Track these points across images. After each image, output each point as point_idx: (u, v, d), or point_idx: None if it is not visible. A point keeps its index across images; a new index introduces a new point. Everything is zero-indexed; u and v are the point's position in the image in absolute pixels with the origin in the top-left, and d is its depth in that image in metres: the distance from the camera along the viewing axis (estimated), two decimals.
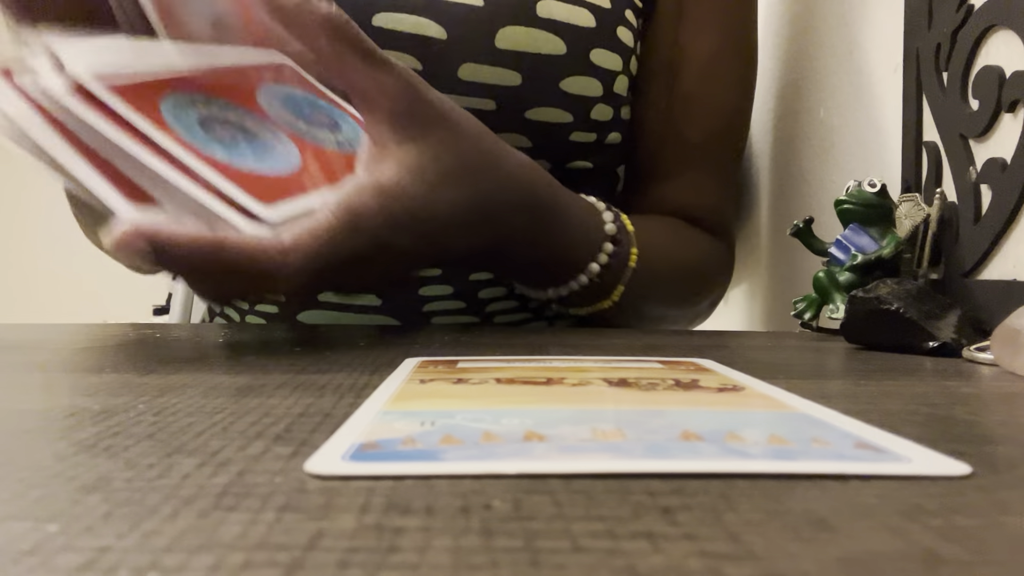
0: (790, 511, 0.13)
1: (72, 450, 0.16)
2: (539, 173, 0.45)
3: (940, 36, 0.47)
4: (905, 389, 0.25)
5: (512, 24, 0.52)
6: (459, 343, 0.37)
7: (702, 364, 0.29)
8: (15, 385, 0.25)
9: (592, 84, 0.55)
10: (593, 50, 0.55)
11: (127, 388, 0.24)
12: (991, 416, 0.21)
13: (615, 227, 0.49)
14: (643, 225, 0.52)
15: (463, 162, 0.40)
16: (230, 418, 0.20)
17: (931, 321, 0.36)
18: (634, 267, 0.49)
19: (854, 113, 0.59)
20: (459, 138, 0.40)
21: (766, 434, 0.17)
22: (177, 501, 0.13)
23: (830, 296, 0.46)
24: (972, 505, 0.13)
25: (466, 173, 0.40)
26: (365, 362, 0.30)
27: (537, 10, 0.52)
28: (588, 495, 0.13)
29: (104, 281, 2.16)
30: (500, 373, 0.26)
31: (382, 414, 0.19)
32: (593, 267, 0.48)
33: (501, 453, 0.16)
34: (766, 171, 0.74)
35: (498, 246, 0.44)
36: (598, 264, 0.48)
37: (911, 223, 0.45)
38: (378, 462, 0.15)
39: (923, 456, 0.16)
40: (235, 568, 0.10)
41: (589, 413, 0.19)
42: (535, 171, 0.45)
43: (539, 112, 0.54)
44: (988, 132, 0.43)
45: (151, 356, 0.32)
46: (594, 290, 0.49)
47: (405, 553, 0.11)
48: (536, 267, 0.48)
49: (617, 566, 0.10)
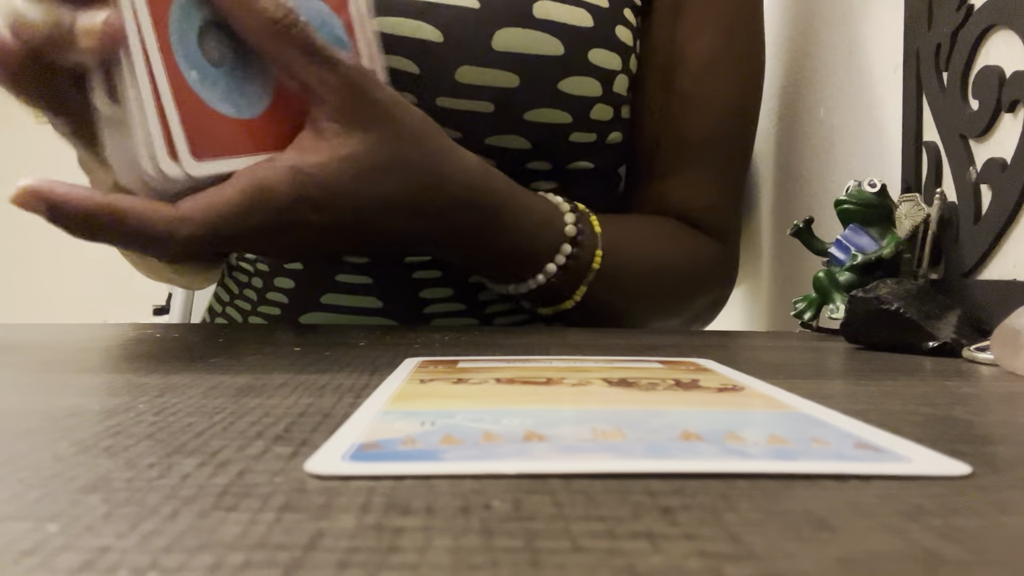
0: (790, 511, 0.13)
1: (72, 450, 0.16)
2: (490, 175, 0.47)
3: (940, 36, 0.47)
4: (905, 389, 0.25)
5: (509, 26, 0.52)
6: (459, 343, 0.37)
7: (702, 364, 0.29)
8: (15, 385, 0.25)
9: (591, 84, 0.55)
10: (591, 50, 0.54)
11: (127, 388, 0.24)
12: (991, 416, 0.21)
13: (575, 229, 0.49)
14: (622, 224, 0.52)
15: (400, 158, 0.41)
16: (230, 418, 0.20)
17: (931, 321, 0.36)
18: (598, 268, 0.50)
19: (854, 113, 0.59)
20: (400, 136, 0.41)
21: (766, 434, 0.17)
22: (177, 501, 0.13)
23: (830, 296, 0.46)
24: (972, 505, 0.13)
25: (401, 168, 0.41)
26: (365, 362, 0.30)
27: (534, 11, 0.52)
28: (588, 495, 0.13)
29: (104, 281, 2.16)
30: (500, 373, 0.26)
31: (382, 414, 0.19)
32: (550, 267, 0.49)
33: (501, 453, 0.16)
34: (766, 171, 0.74)
35: (437, 240, 0.46)
36: (555, 265, 0.49)
37: (911, 223, 0.45)
38: (378, 462, 0.15)
39: (923, 456, 0.16)
40: (235, 568, 0.10)
41: (589, 413, 0.19)
42: (485, 174, 0.46)
43: (538, 113, 0.54)
44: (988, 132, 0.43)
45: (151, 356, 0.32)
46: (555, 289, 0.50)
47: (405, 553, 0.11)
48: (487, 264, 0.50)
49: (617, 566, 0.10)
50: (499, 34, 0.52)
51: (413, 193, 0.42)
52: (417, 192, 0.42)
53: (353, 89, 0.39)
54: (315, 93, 0.39)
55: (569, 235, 0.49)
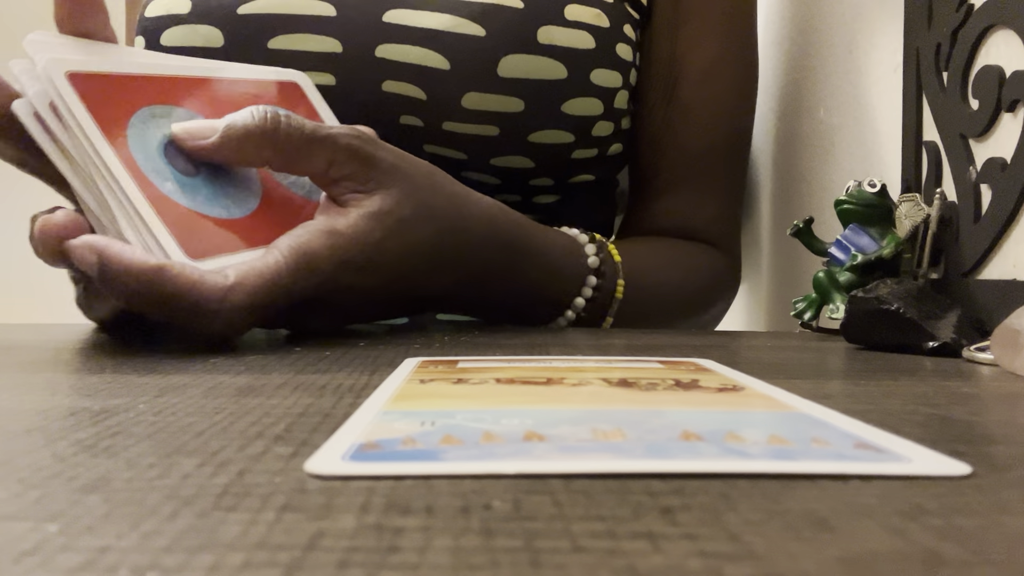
0: (790, 511, 0.13)
1: (72, 450, 0.16)
2: (507, 214, 0.46)
3: (940, 36, 0.47)
4: (905, 389, 0.25)
5: (514, 52, 0.53)
6: (459, 343, 0.37)
7: (702, 364, 0.29)
8: (15, 385, 0.25)
9: (593, 104, 0.56)
10: (594, 71, 0.55)
11: (127, 388, 0.24)
12: (991, 416, 0.21)
13: (598, 260, 0.49)
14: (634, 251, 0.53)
15: (425, 205, 0.40)
16: (230, 418, 0.20)
17: (931, 321, 0.36)
18: (621, 298, 0.50)
19: (854, 113, 0.59)
20: (417, 186, 0.40)
21: (766, 434, 0.17)
22: (177, 501, 0.13)
23: (830, 296, 0.46)
24: (972, 505, 0.13)
25: (428, 215, 0.40)
26: (365, 362, 0.30)
27: (538, 37, 0.53)
28: (588, 495, 0.13)
29: None
30: (500, 373, 0.26)
31: (382, 414, 0.19)
32: (579, 302, 0.49)
33: (501, 453, 0.16)
34: (766, 171, 0.74)
35: (471, 283, 0.45)
36: (583, 298, 0.49)
37: (911, 223, 0.45)
38: (378, 462, 0.15)
39: (923, 456, 0.16)
40: (235, 568, 0.10)
41: (589, 413, 0.19)
42: (502, 212, 0.46)
43: (541, 135, 0.55)
44: (988, 132, 0.43)
45: (151, 356, 0.32)
46: (583, 323, 0.50)
47: (405, 553, 0.11)
48: (518, 304, 0.49)
49: (617, 566, 0.10)
50: (504, 61, 0.53)
51: (443, 237, 0.41)
52: (447, 234, 0.41)
53: (359, 158, 0.38)
54: (324, 177, 0.38)
55: (592, 266, 0.49)
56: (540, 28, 0.53)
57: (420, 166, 0.42)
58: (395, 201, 0.39)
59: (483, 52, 0.52)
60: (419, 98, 0.53)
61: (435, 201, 0.41)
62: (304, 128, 0.37)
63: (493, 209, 0.45)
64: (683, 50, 0.61)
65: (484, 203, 0.44)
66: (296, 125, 0.37)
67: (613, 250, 0.50)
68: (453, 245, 0.42)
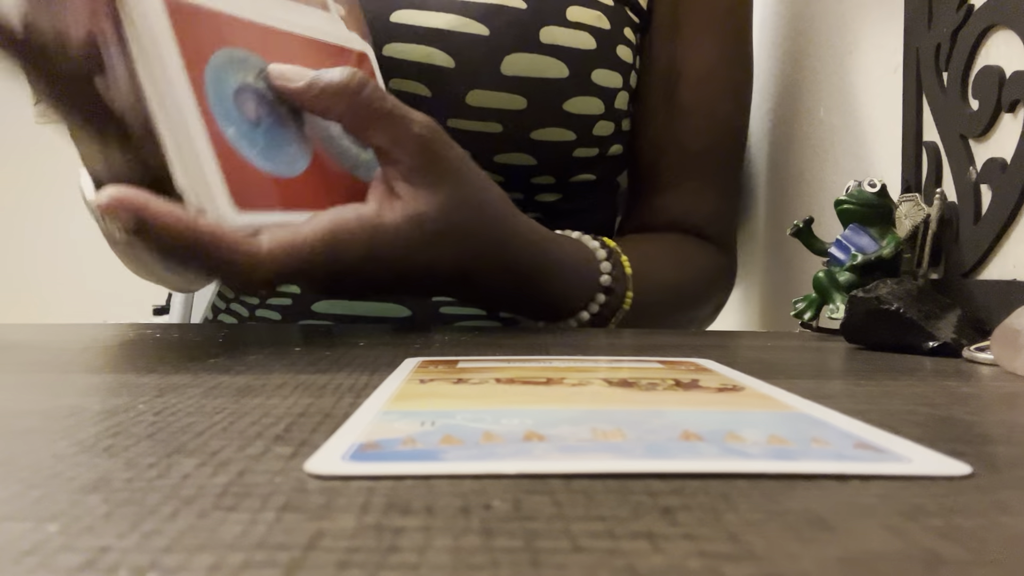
0: (790, 511, 0.13)
1: (72, 450, 0.16)
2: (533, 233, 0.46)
3: (940, 36, 0.47)
4: (905, 389, 0.25)
5: (517, 51, 0.54)
6: (459, 343, 0.37)
7: (702, 364, 0.29)
8: (15, 385, 0.25)
9: (594, 103, 0.57)
10: (594, 71, 0.56)
11: (127, 388, 0.24)
12: (991, 416, 0.21)
13: (610, 278, 0.49)
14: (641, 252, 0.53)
15: (463, 228, 0.41)
16: (230, 418, 0.20)
17: (931, 321, 0.36)
18: (627, 309, 0.50)
19: (854, 113, 0.59)
20: (466, 202, 0.41)
21: (766, 434, 0.17)
22: (177, 501, 0.13)
23: (830, 296, 0.46)
24: (972, 505, 0.13)
25: (463, 238, 0.41)
26: (365, 362, 0.30)
27: (540, 36, 0.54)
28: (588, 495, 0.13)
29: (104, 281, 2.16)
30: (500, 373, 0.26)
31: (382, 414, 0.19)
32: (583, 315, 0.49)
33: (501, 453, 0.16)
34: (765, 171, 0.74)
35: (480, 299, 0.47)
36: (588, 313, 0.49)
37: (911, 223, 0.45)
38: (378, 462, 0.15)
39: (923, 456, 0.16)
40: (235, 568, 0.10)
41: (589, 413, 0.19)
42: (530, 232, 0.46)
43: (543, 133, 0.56)
44: (988, 132, 0.43)
45: (151, 356, 0.32)
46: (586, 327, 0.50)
47: (405, 553, 0.11)
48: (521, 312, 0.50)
49: (617, 566, 0.10)
50: (508, 59, 0.54)
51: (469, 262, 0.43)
52: (475, 257, 0.43)
53: (425, 148, 0.39)
54: (387, 154, 0.39)
55: (604, 284, 0.49)
56: (542, 28, 0.54)
57: (477, 178, 0.42)
58: (440, 209, 0.40)
59: (487, 51, 0.53)
60: (424, 95, 0.54)
61: (474, 225, 0.42)
62: (385, 101, 0.39)
63: (524, 235, 0.45)
64: (682, 54, 0.62)
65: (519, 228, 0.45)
66: (379, 96, 0.39)
67: (625, 263, 0.51)
68: (475, 269, 0.43)
